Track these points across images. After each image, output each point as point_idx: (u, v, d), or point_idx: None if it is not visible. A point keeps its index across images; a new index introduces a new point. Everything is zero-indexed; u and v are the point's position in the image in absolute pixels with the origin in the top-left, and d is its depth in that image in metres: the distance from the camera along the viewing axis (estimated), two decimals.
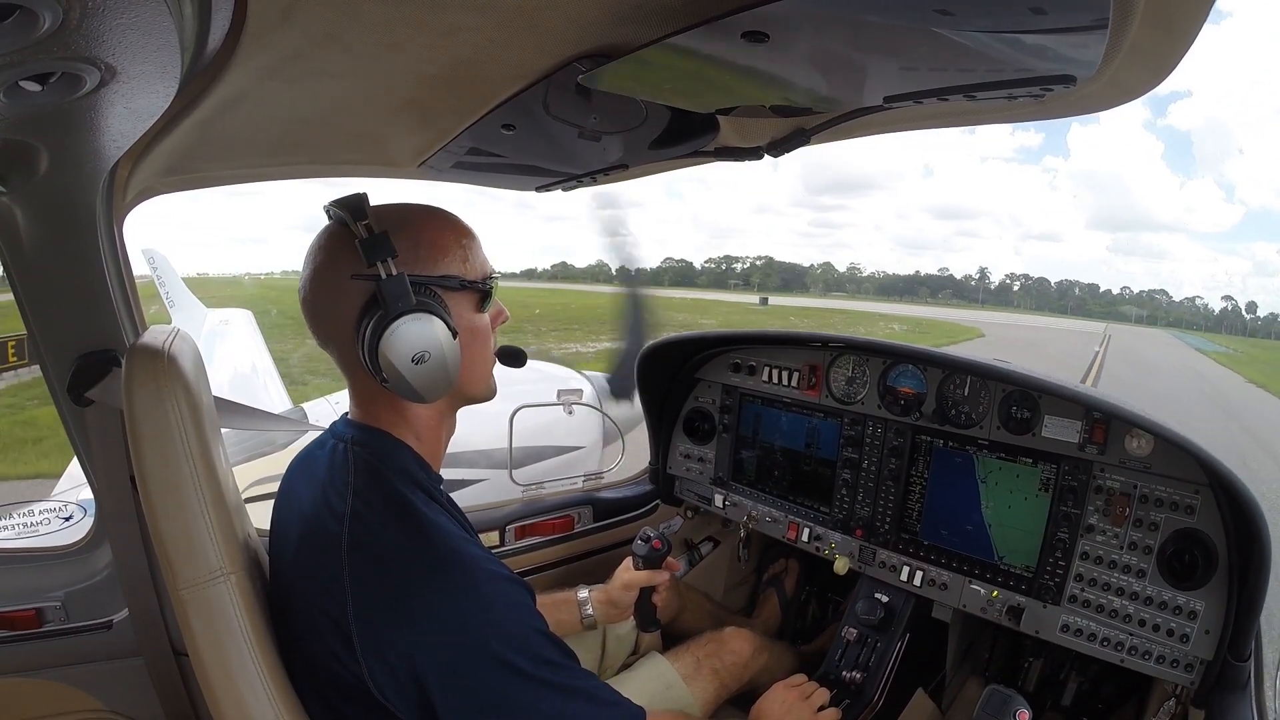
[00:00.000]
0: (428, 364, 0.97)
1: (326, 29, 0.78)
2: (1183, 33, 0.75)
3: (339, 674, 0.96)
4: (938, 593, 1.77)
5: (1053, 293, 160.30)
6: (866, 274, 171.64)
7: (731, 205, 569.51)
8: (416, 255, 1.03)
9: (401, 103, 1.10)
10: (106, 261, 1.26)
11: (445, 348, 0.98)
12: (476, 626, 0.94)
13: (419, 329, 0.96)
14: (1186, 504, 1.45)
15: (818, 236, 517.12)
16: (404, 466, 1.06)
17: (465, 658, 0.93)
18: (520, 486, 2.33)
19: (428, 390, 1.00)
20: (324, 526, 0.99)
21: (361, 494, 1.00)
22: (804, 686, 1.59)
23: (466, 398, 1.15)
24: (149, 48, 0.55)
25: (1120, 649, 1.50)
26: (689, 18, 0.74)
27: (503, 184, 1.67)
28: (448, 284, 1.05)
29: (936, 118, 1.16)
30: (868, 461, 1.92)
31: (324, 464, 1.07)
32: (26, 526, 1.75)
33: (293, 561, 1.05)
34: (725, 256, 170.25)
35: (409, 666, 0.92)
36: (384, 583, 0.95)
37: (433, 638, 0.93)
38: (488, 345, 1.14)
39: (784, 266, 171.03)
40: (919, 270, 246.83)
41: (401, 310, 0.96)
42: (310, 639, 0.99)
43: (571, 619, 1.71)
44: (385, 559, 0.96)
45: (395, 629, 0.93)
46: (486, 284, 1.10)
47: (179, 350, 1.02)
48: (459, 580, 0.96)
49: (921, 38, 0.74)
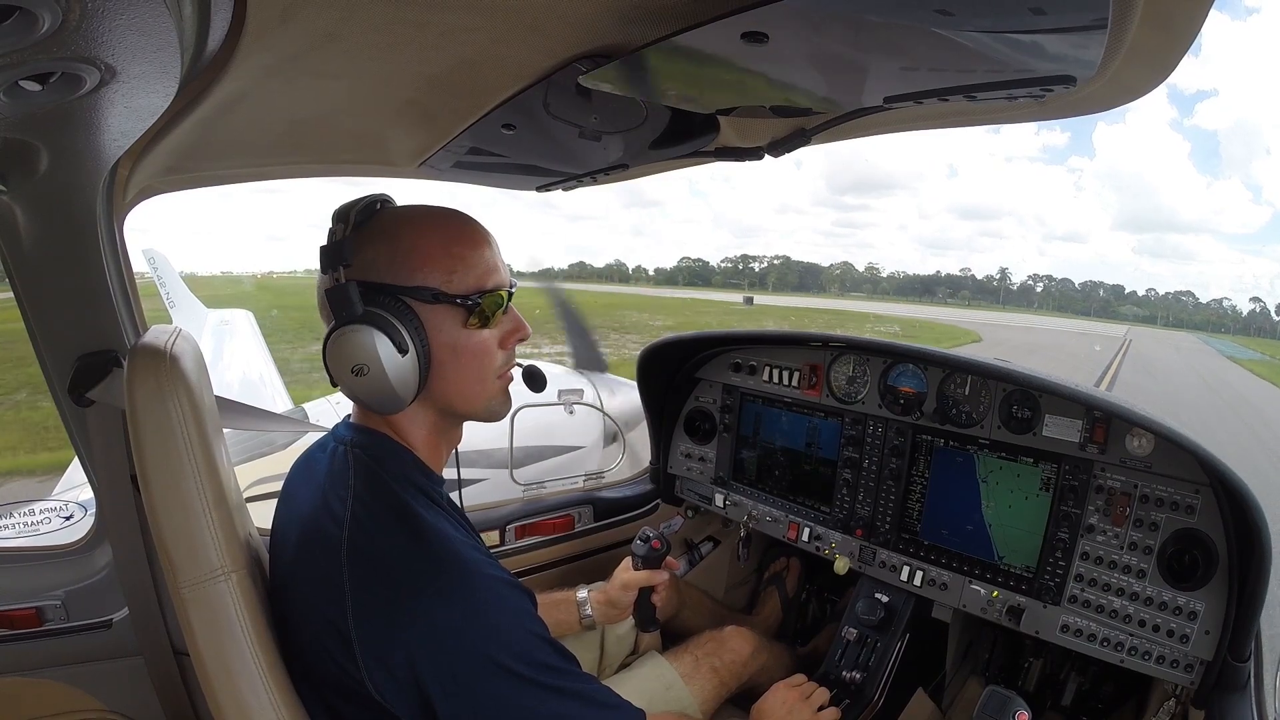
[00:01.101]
0: (367, 377, 0.95)
1: (326, 29, 0.78)
2: (1182, 33, 0.75)
3: (338, 676, 0.96)
4: (938, 593, 1.77)
5: (1076, 294, 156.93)
6: (886, 274, 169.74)
7: (755, 204, 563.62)
8: (391, 262, 1.00)
9: (401, 103, 1.10)
10: (107, 261, 1.26)
11: (388, 363, 0.94)
12: (475, 631, 0.94)
13: (355, 340, 0.94)
14: (1187, 504, 1.45)
15: (841, 236, 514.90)
16: (403, 470, 1.06)
17: (464, 663, 0.93)
18: (520, 486, 2.33)
19: (374, 402, 0.99)
20: (323, 530, 0.99)
21: (361, 498, 1.00)
22: (804, 686, 1.59)
23: (458, 414, 1.11)
24: (149, 48, 0.56)
25: (1120, 649, 1.50)
26: (689, 18, 0.74)
27: (503, 184, 1.67)
28: (419, 295, 0.99)
29: (937, 118, 1.16)
30: (868, 461, 1.92)
31: (324, 466, 1.07)
32: (27, 525, 1.75)
33: (292, 563, 1.04)
34: (742, 256, 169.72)
35: (409, 670, 0.92)
36: (383, 587, 0.94)
37: (432, 642, 0.92)
38: (484, 363, 1.06)
39: (802, 266, 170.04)
40: (939, 270, 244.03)
41: (344, 319, 0.94)
42: (310, 641, 0.99)
43: (570, 619, 1.71)
44: (385, 563, 0.96)
45: (394, 633, 0.92)
46: (472, 299, 1.02)
47: (181, 350, 1.02)
48: (458, 585, 0.95)
49: (921, 38, 0.74)
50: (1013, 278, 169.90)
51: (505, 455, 2.43)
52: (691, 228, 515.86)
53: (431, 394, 1.05)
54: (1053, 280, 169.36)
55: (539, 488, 2.34)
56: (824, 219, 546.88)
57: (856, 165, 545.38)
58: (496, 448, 2.38)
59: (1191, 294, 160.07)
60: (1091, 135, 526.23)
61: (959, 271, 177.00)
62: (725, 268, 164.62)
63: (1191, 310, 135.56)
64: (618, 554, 1.98)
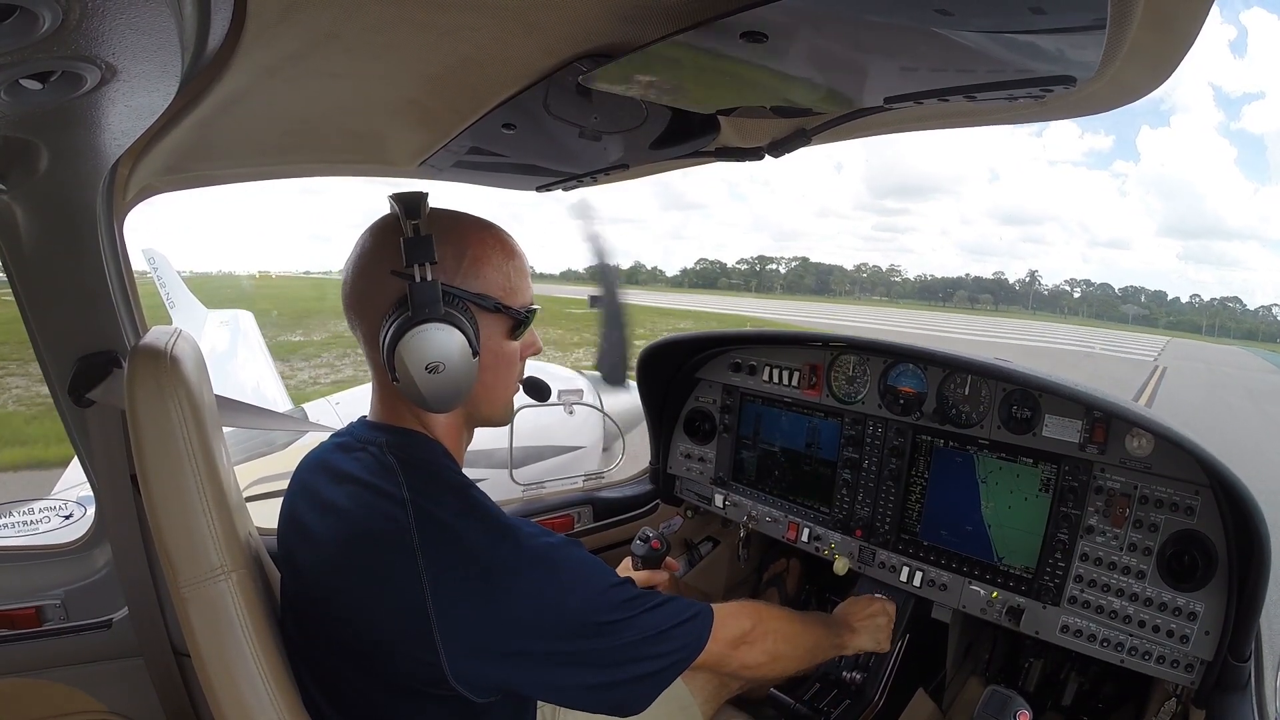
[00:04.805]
0: (440, 375, 0.97)
1: (326, 29, 0.78)
2: (1183, 33, 0.75)
3: (411, 670, 0.96)
4: (937, 593, 1.77)
5: (1115, 299, 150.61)
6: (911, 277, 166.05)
7: (795, 208, 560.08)
8: (459, 267, 1.03)
9: (401, 103, 1.10)
10: (107, 261, 1.26)
11: (461, 363, 0.98)
12: (562, 602, 0.99)
13: (439, 339, 0.96)
14: (1186, 505, 1.45)
15: (882, 241, 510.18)
16: (444, 463, 1.08)
17: (561, 633, 0.98)
18: (520, 486, 2.33)
19: (435, 400, 1.00)
20: (383, 524, 0.98)
21: (419, 489, 1.00)
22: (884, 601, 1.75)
23: (480, 419, 1.15)
24: (149, 47, 0.56)
25: (1120, 650, 1.50)
26: (689, 18, 0.74)
27: (504, 184, 1.67)
28: (483, 303, 1.05)
29: (937, 118, 1.16)
30: (868, 461, 1.92)
31: (356, 466, 1.05)
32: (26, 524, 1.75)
33: (335, 564, 1.02)
34: (759, 257, 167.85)
35: (498, 653, 0.96)
36: (466, 576, 0.96)
37: (523, 622, 0.97)
38: (511, 373, 1.14)
39: (822, 268, 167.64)
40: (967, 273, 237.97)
41: (427, 317, 0.96)
42: (374, 639, 0.98)
43: None
44: (461, 552, 0.97)
45: (481, 619, 0.95)
46: (523, 313, 1.09)
47: (181, 351, 1.02)
48: (535, 562, 0.99)
49: (921, 38, 0.74)
50: (1044, 281, 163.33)
51: (505, 455, 2.43)
52: (731, 231, 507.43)
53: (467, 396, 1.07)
54: (1091, 285, 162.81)
55: (539, 488, 2.34)
56: (864, 223, 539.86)
57: (897, 169, 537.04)
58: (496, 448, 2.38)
59: (1239, 300, 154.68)
60: (1135, 139, 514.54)
61: (991, 276, 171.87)
62: (738, 269, 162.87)
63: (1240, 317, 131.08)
64: (618, 554, 1.98)
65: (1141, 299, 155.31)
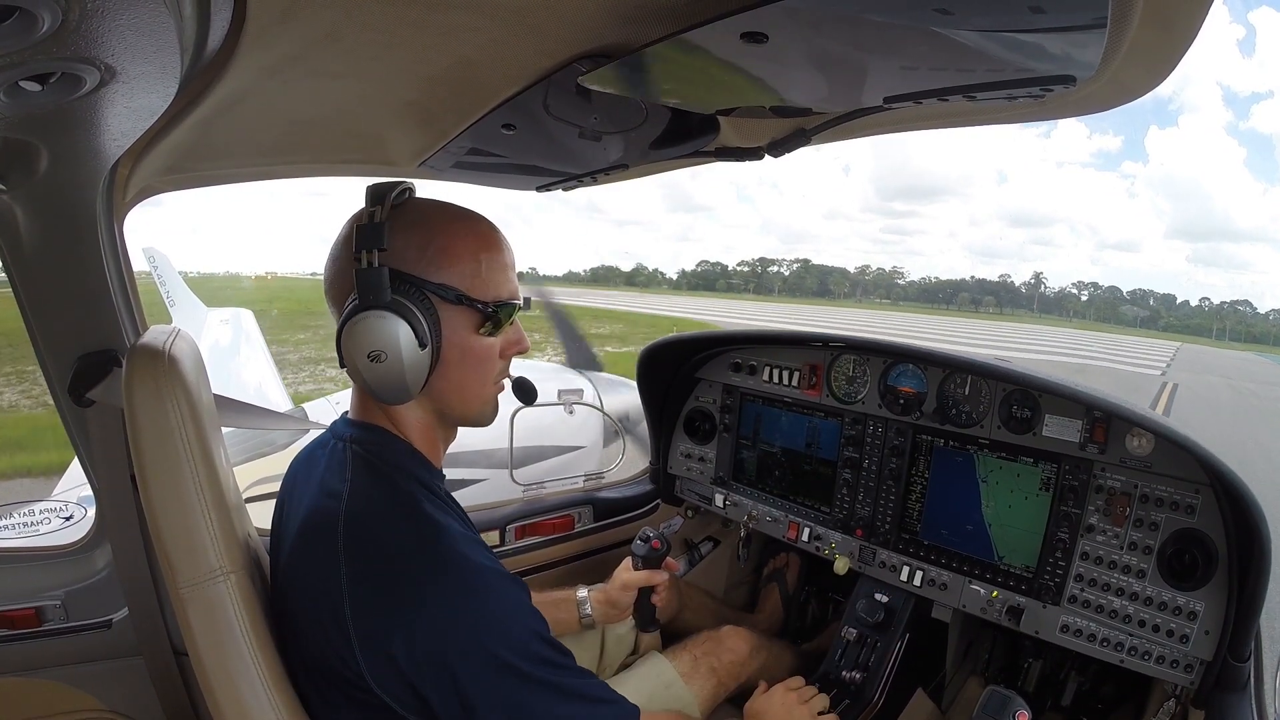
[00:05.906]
0: (383, 365, 0.95)
1: (326, 29, 0.78)
2: (1183, 32, 0.75)
3: (338, 670, 0.96)
4: (938, 593, 1.77)
5: (1124, 303, 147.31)
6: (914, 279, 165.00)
7: (803, 209, 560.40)
8: (422, 256, 1.01)
9: (401, 103, 1.10)
10: (107, 261, 1.26)
11: (406, 354, 0.95)
12: (474, 624, 0.94)
13: (378, 327, 0.94)
14: (1187, 504, 1.45)
15: (890, 243, 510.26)
16: (402, 463, 1.06)
17: (463, 655, 0.93)
18: (520, 486, 2.33)
19: (382, 390, 0.98)
20: (321, 520, 0.99)
21: (359, 491, 1.00)
22: (803, 690, 1.58)
23: (455, 417, 1.12)
24: (149, 48, 0.56)
25: (1120, 649, 1.50)
26: (689, 18, 0.74)
27: (504, 184, 1.67)
28: (443, 294, 1.01)
29: (937, 118, 1.16)
30: (868, 461, 1.92)
31: (323, 463, 1.07)
32: (26, 525, 1.75)
33: (290, 559, 1.04)
34: (760, 259, 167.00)
35: (406, 663, 0.92)
36: (381, 579, 0.94)
37: (429, 635, 0.92)
38: (484, 369, 1.08)
39: (824, 270, 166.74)
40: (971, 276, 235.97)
41: (370, 304, 0.94)
42: (309, 635, 0.99)
43: (570, 618, 1.71)
44: (382, 555, 0.96)
45: (391, 625, 0.92)
46: (491, 307, 1.04)
47: (180, 350, 1.02)
48: (456, 578, 0.96)
49: (921, 38, 0.74)
50: (1050, 284, 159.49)
51: (505, 455, 2.43)
52: (740, 233, 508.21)
53: (431, 392, 1.05)
54: (1098, 288, 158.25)
55: (539, 488, 2.34)
56: (872, 225, 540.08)
57: (905, 170, 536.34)
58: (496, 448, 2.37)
59: (1249, 303, 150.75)
60: (1144, 140, 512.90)
61: (997, 278, 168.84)
62: (740, 271, 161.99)
63: (1250, 320, 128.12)
64: (618, 554, 1.98)
65: (1150, 302, 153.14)
